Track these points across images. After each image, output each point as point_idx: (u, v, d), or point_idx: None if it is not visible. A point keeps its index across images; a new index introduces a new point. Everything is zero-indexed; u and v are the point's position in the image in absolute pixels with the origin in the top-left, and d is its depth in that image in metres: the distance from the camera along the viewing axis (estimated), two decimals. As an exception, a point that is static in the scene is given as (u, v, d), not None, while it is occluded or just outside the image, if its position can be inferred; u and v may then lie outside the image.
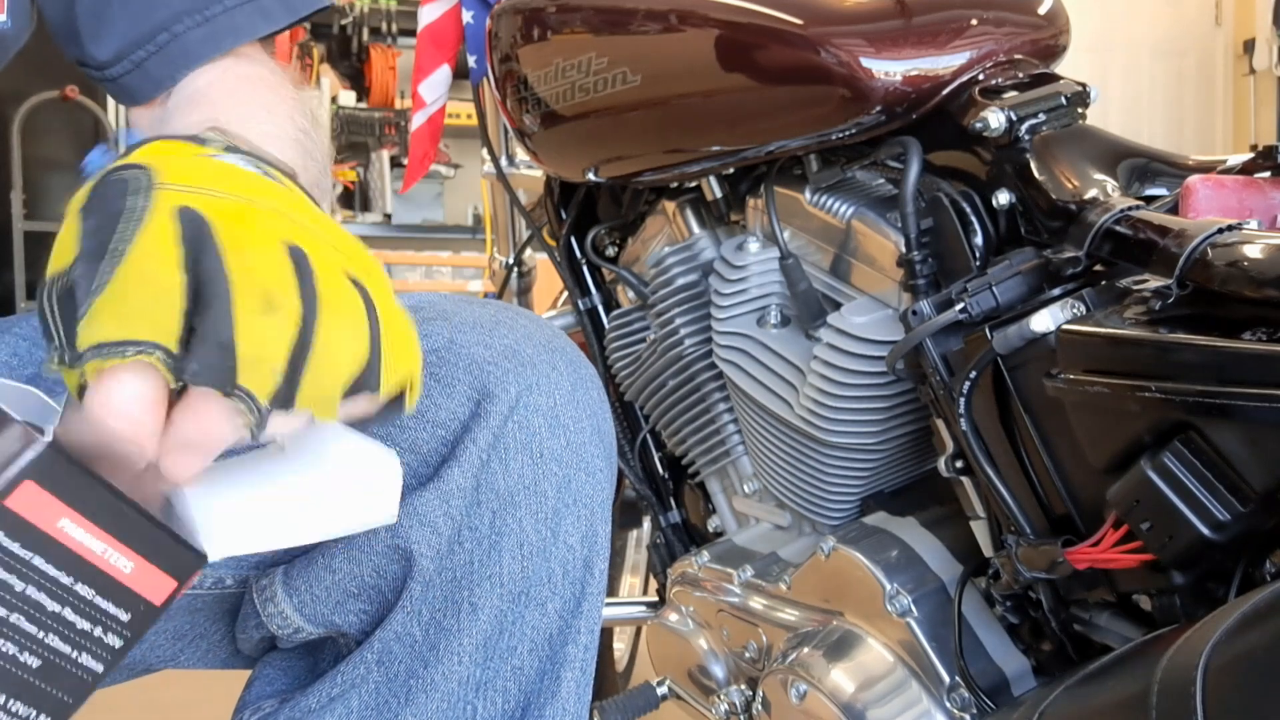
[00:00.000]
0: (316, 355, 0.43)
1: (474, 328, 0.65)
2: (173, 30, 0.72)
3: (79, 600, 0.42)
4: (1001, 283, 0.83)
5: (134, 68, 0.73)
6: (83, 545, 0.41)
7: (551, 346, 0.66)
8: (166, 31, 0.72)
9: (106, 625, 0.42)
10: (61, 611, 0.41)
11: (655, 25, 1.05)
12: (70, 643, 0.42)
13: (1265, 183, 0.82)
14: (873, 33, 0.95)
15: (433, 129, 1.79)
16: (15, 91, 4.59)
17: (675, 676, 1.21)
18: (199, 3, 0.72)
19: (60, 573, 0.41)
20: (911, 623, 0.94)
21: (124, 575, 0.42)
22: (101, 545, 0.42)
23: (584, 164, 1.17)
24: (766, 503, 1.18)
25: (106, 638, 0.42)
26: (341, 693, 0.63)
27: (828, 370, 0.98)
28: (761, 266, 1.09)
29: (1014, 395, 0.82)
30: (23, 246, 4.64)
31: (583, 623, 0.66)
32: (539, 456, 0.63)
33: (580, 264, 1.33)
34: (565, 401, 0.64)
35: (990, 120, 0.90)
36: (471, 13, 1.61)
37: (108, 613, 0.42)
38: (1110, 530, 0.75)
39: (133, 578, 0.43)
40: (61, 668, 0.41)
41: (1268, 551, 0.69)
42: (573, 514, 0.64)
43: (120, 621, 0.43)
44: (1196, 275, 0.72)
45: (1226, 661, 0.55)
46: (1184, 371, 0.68)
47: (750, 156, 1.05)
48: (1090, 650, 0.86)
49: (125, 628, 0.43)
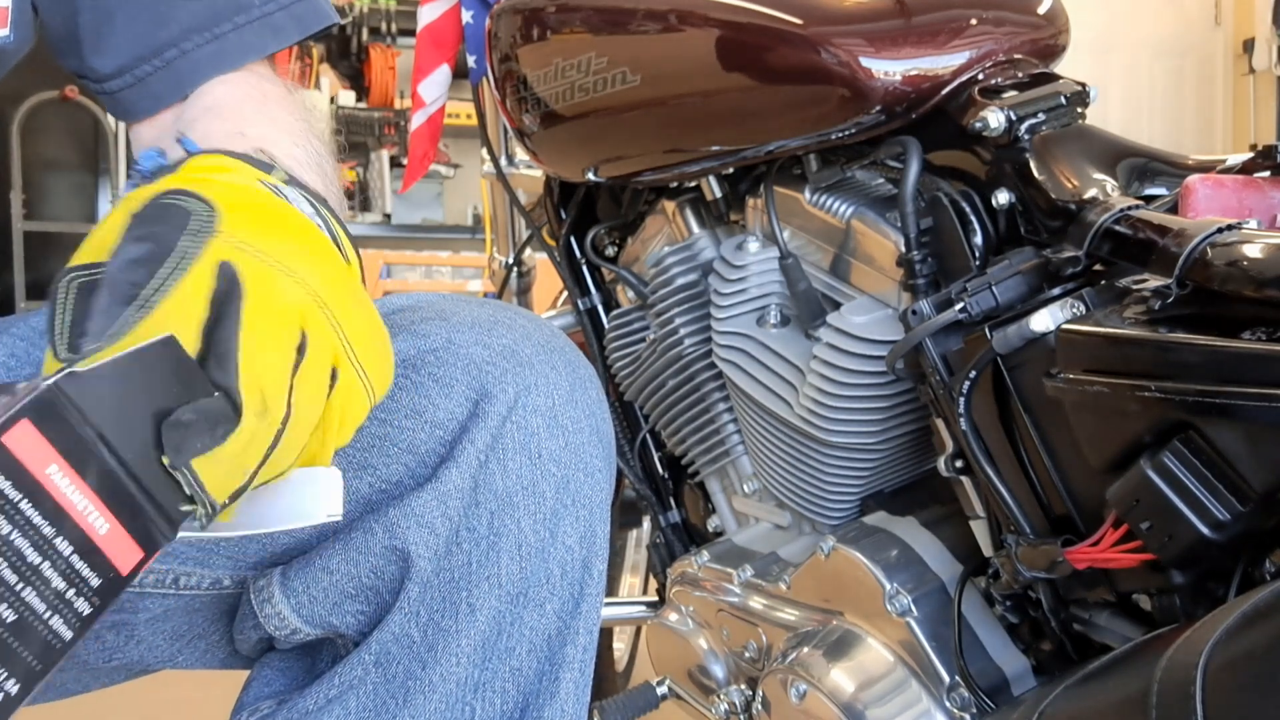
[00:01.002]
0: (272, 463, 0.48)
1: (472, 328, 0.65)
2: (181, 47, 0.70)
3: (57, 556, 0.41)
4: (1001, 282, 0.83)
5: (135, 82, 0.71)
6: (66, 497, 0.41)
7: (550, 346, 0.66)
8: (175, 48, 0.70)
9: (79, 588, 0.42)
10: (40, 565, 0.41)
11: (655, 25, 1.05)
12: (45, 601, 0.41)
13: (1265, 182, 0.82)
14: (872, 33, 0.95)
15: (432, 129, 1.79)
16: (15, 91, 4.59)
17: (675, 676, 1.21)
18: (208, 20, 0.71)
19: (44, 522, 0.41)
20: (911, 622, 0.94)
21: (99, 536, 0.42)
22: (83, 500, 0.42)
23: (584, 164, 1.17)
24: (766, 503, 1.18)
25: (77, 602, 0.42)
26: (339, 694, 0.63)
27: (827, 370, 0.98)
28: (761, 266, 1.09)
29: (1014, 395, 0.82)
30: (22, 246, 4.64)
31: (581, 623, 0.66)
32: (537, 457, 0.63)
33: (580, 264, 1.33)
34: (564, 402, 0.64)
35: (990, 120, 0.89)
36: (471, 12, 1.61)
37: (81, 575, 0.42)
38: (1110, 530, 0.75)
39: (106, 540, 0.42)
40: (33, 628, 0.41)
41: (1268, 551, 0.69)
42: (571, 515, 0.64)
43: (91, 587, 0.42)
44: (1196, 275, 0.72)
45: (1226, 661, 0.55)
46: (1184, 371, 0.68)
47: (750, 156, 1.05)
48: (1090, 650, 0.86)
49: (95, 594, 0.42)
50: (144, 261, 0.46)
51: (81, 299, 0.44)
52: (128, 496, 0.43)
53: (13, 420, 0.40)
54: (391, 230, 5.58)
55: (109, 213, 0.51)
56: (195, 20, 0.70)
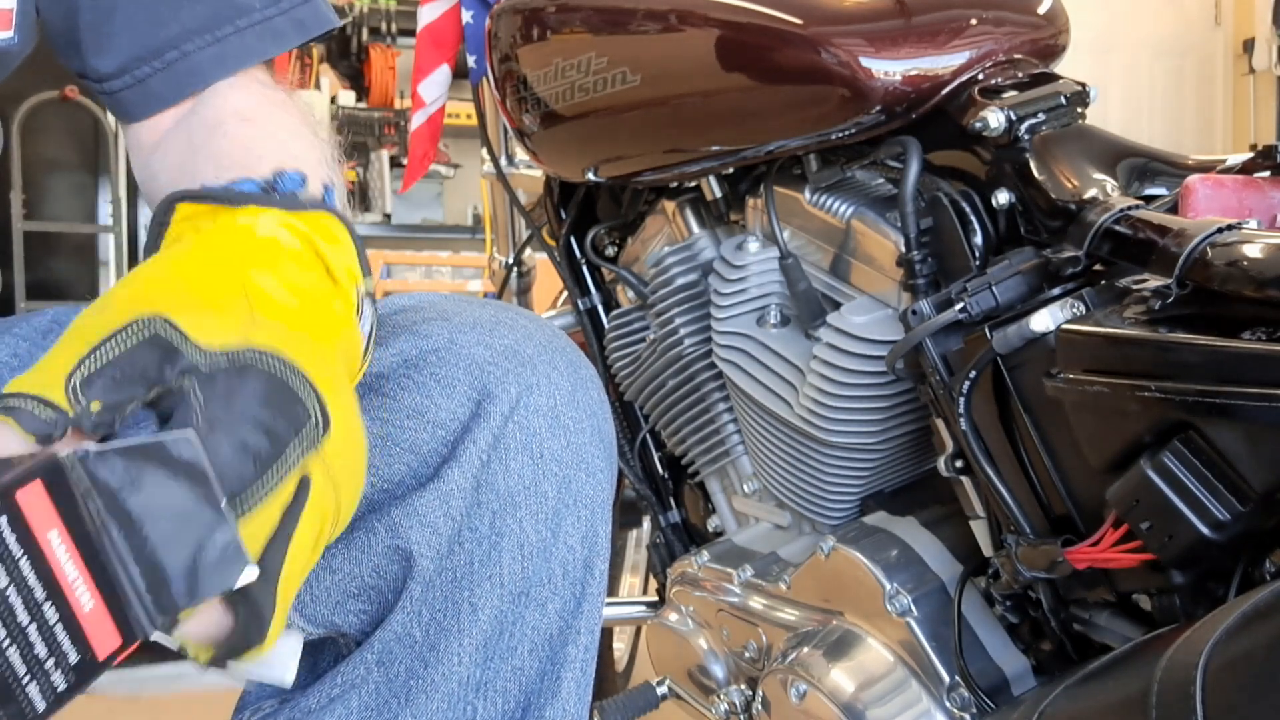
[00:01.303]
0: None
1: (474, 328, 0.65)
2: (182, 49, 0.69)
3: (43, 622, 0.41)
4: (1001, 282, 0.83)
5: (136, 83, 0.71)
6: (60, 566, 0.41)
7: (552, 346, 0.66)
8: (176, 50, 0.69)
9: (58, 660, 0.42)
10: (27, 627, 0.41)
11: (655, 25, 1.05)
12: (26, 664, 0.41)
13: (1265, 182, 0.82)
14: (872, 33, 0.95)
15: (432, 129, 1.79)
16: (15, 91, 4.58)
17: (675, 676, 1.21)
18: (209, 22, 0.70)
19: (38, 584, 0.41)
20: (911, 622, 0.94)
21: (82, 613, 0.42)
22: (75, 573, 0.42)
23: (584, 164, 1.17)
24: (766, 502, 1.18)
25: (54, 675, 0.42)
26: (341, 693, 0.63)
27: (827, 370, 0.98)
28: (761, 266, 1.09)
29: (1014, 395, 0.82)
30: (22, 246, 4.64)
31: (583, 623, 0.66)
32: (539, 457, 0.63)
33: (580, 264, 1.33)
34: (565, 402, 0.64)
35: (990, 120, 0.89)
36: (471, 12, 1.61)
37: (61, 647, 0.42)
38: (1110, 530, 0.75)
39: (89, 618, 0.42)
40: (11, 690, 0.40)
41: (1268, 551, 0.69)
42: (573, 514, 0.64)
43: (68, 663, 0.42)
44: (1196, 275, 0.72)
45: (1226, 661, 0.55)
46: (1184, 371, 0.68)
47: (750, 156, 1.05)
48: (1090, 650, 0.86)
49: (70, 671, 0.42)
50: (255, 456, 0.46)
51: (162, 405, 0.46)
52: (118, 584, 0.43)
53: (27, 478, 0.40)
54: (391, 230, 5.58)
55: (251, 266, 0.52)
56: (196, 22, 0.70)
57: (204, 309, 0.49)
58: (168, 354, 0.46)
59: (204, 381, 0.46)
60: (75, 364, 0.44)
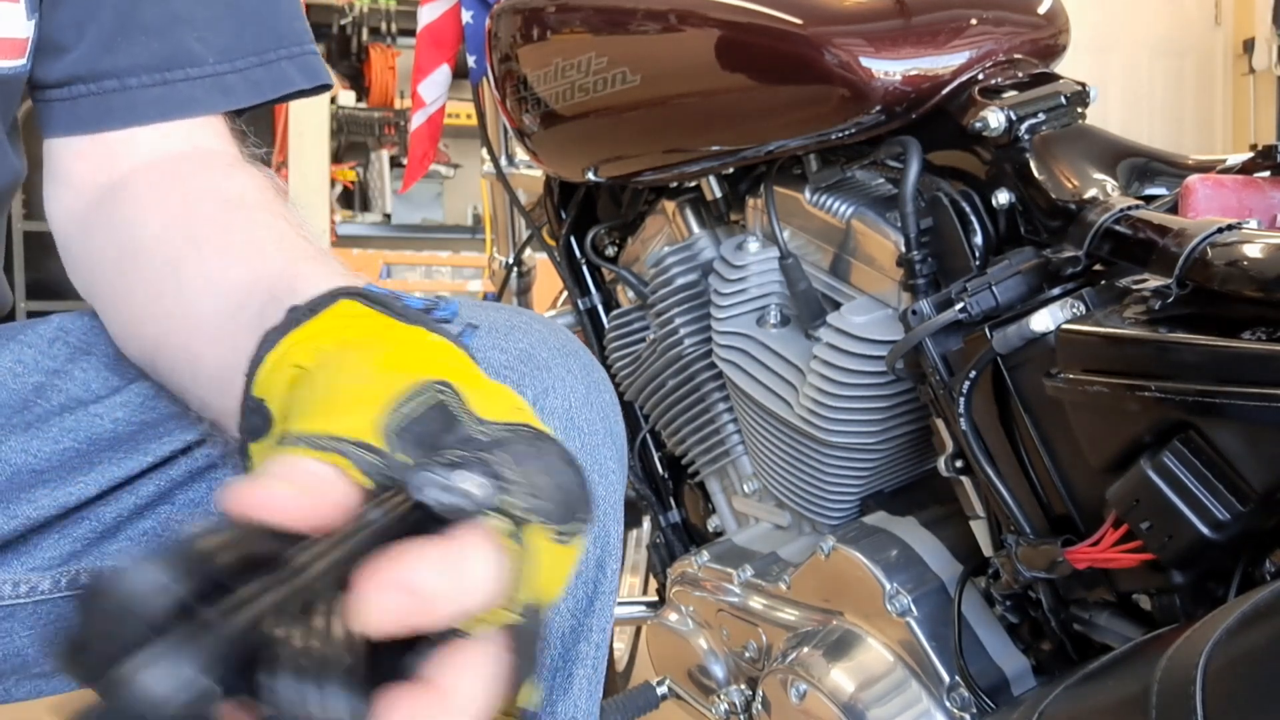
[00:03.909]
0: None
1: (489, 333, 0.65)
2: (124, 81, 0.66)
3: None
4: (1001, 282, 0.83)
5: (68, 99, 0.67)
6: None
7: (565, 350, 0.66)
8: (115, 79, 0.66)
9: None
10: None
11: (655, 25, 1.05)
12: None
13: (1265, 182, 0.82)
14: (872, 33, 0.95)
15: (432, 129, 1.79)
16: (15, 91, 4.58)
17: (675, 676, 1.21)
18: (162, 61, 0.66)
19: None
20: (911, 622, 0.94)
21: None
22: None
23: (584, 164, 1.17)
24: (766, 503, 1.18)
25: None
26: None
27: (827, 370, 0.98)
28: (761, 266, 1.09)
29: (1014, 395, 0.82)
30: (22, 246, 4.64)
31: (595, 621, 0.66)
32: None
33: (580, 264, 1.33)
34: (580, 404, 0.65)
35: (990, 120, 0.89)
36: (471, 12, 1.61)
37: None
38: (1110, 530, 0.75)
39: None
40: None
41: (1268, 551, 0.69)
42: None
43: None
44: (1196, 275, 0.72)
45: (1226, 661, 0.55)
46: (1183, 371, 0.68)
47: (750, 156, 1.05)
48: (1090, 650, 0.86)
49: None
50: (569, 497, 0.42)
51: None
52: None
53: None
54: (391, 230, 5.57)
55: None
56: (147, 58, 0.66)
57: (475, 385, 0.45)
58: (448, 422, 0.42)
59: (487, 448, 0.41)
60: (386, 415, 0.41)
